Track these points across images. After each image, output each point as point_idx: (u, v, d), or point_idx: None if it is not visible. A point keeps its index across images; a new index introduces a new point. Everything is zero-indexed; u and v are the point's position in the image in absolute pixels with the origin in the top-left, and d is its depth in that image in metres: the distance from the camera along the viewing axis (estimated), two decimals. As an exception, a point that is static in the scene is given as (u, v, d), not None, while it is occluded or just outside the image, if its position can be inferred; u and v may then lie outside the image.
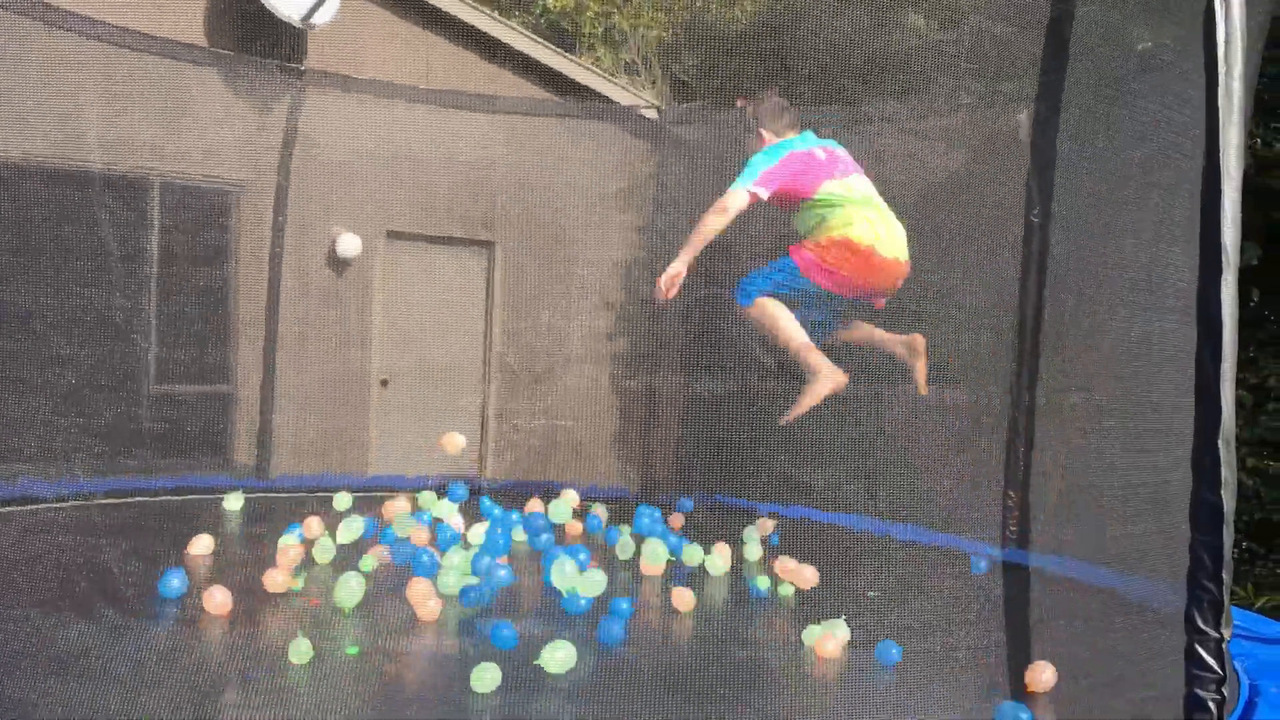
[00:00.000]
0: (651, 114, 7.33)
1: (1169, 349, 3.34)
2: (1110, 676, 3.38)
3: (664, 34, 10.86)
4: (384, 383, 8.35)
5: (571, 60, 9.20)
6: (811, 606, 4.26)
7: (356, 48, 7.98)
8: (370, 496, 6.12)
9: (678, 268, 4.28)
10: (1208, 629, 2.28)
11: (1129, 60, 3.92)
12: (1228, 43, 2.26)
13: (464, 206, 8.49)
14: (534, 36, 9.02)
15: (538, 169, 7.74)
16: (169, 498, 6.07)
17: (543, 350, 8.75)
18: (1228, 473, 2.27)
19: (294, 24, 7.30)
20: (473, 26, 8.62)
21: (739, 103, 4.75)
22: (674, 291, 4.28)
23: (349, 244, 7.88)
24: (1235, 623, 4.40)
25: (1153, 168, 3.56)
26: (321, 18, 7.42)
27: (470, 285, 8.84)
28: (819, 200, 4.31)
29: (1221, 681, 2.27)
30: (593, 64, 10.34)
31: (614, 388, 8.63)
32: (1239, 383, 7.56)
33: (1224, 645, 2.27)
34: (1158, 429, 3.35)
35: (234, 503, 5.77)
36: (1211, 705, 2.27)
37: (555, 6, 11.29)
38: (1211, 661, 2.27)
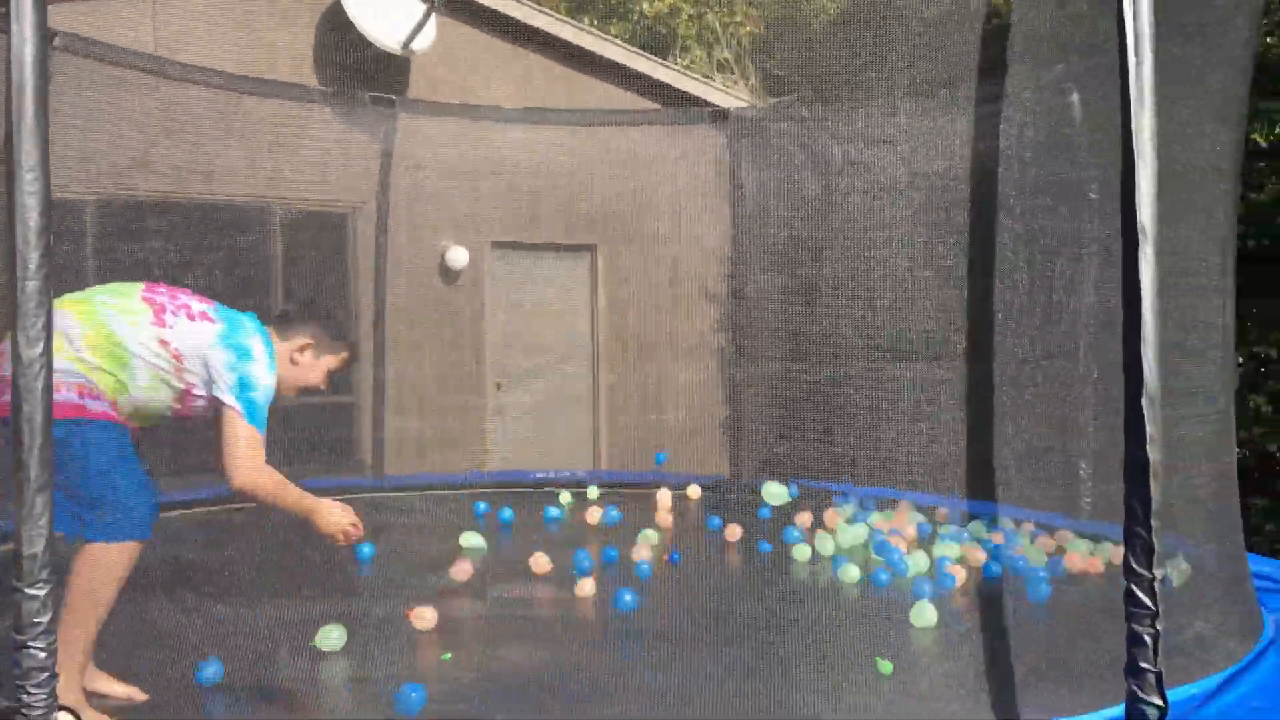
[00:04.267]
0: (732, 108, 7.56)
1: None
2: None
3: (756, 29, 11.06)
4: (498, 385, 8.80)
5: (664, 65, 9.50)
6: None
7: (456, 69, 8.46)
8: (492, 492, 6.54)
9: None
10: (1142, 570, 2.45)
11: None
12: (1137, 36, 2.41)
13: (564, 213, 8.88)
14: (625, 45, 9.35)
15: (630, 172, 8.05)
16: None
17: (646, 344, 9.09)
18: (1153, 429, 2.43)
19: (394, 51, 7.80)
20: (566, 40, 9.00)
21: None
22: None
23: (457, 256, 8.37)
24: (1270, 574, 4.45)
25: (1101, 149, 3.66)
26: (420, 44, 7.90)
27: (575, 286, 9.23)
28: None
29: (1155, 617, 2.44)
30: (688, 65, 10.61)
31: (721, 378, 8.89)
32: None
33: (1155, 585, 2.43)
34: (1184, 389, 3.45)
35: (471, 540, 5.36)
36: (1147, 639, 2.45)
37: (650, 12, 11.63)
38: (1146, 600, 2.44)
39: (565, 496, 6.45)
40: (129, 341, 3.04)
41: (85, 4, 6.52)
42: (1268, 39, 6.89)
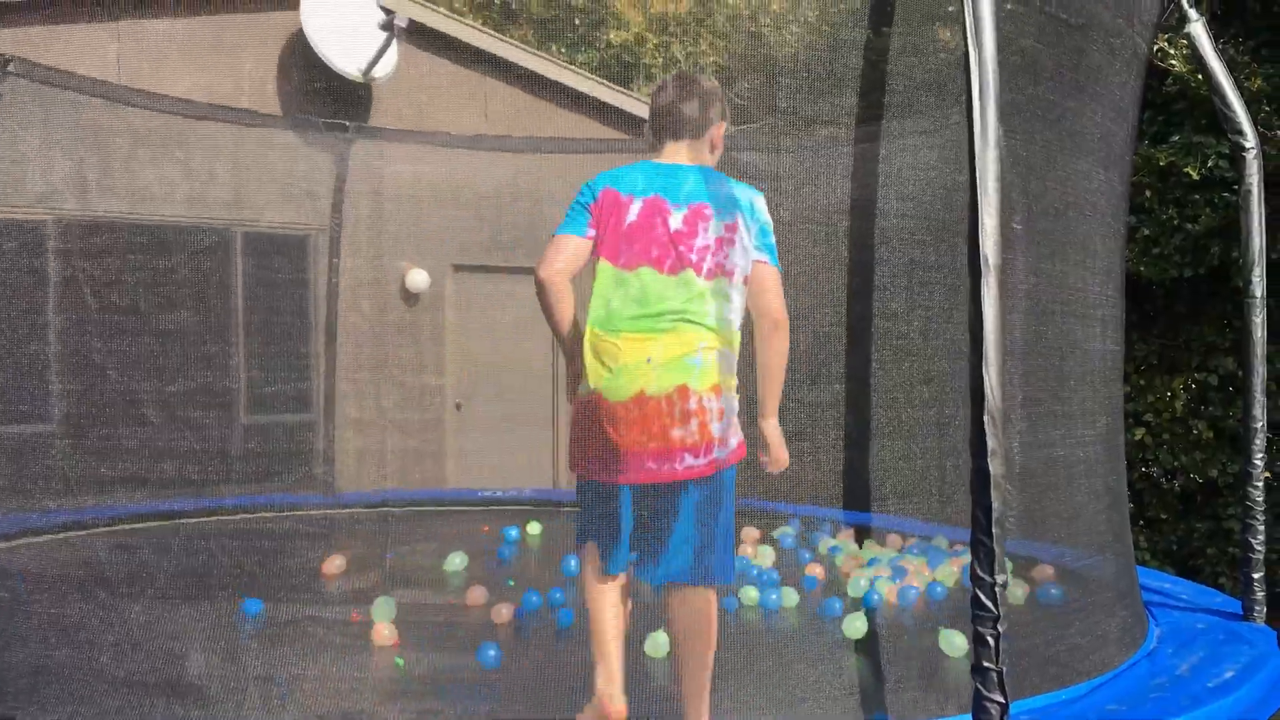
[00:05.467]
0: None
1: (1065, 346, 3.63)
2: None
3: (720, 60, 11.30)
4: (458, 406, 8.96)
5: (627, 94, 9.70)
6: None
7: (419, 97, 8.65)
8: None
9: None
10: (985, 575, 2.61)
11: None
12: (981, 81, 2.59)
13: (525, 238, 9.06)
14: (589, 75, 9.56)
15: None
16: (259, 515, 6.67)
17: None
18: (994, 443, 2.59)
19: (356, 79, 7.99)
20: (529, 70, 9.20)
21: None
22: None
23: (417, 279, 8.54)
24: (1183, 595, 4.62)
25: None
26: (381, 71, 8.09)
27: (535, 308, 9.38)
28: (592, 289, 2.91)
29: (997, 619, 2.59)
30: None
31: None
32: None
33: (997, 589, 2.59)
34: (1062, 413, 3.63)
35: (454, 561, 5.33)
36: (990, 640, 2.60)
37: (617, 41, 11.87)
38: (989, 603, 2.60)
39: (534, 527, 6.29)
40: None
41: (48, 27, 6.70)
42: (1199, 75, 7.10)
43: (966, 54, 2.56)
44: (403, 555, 5.39)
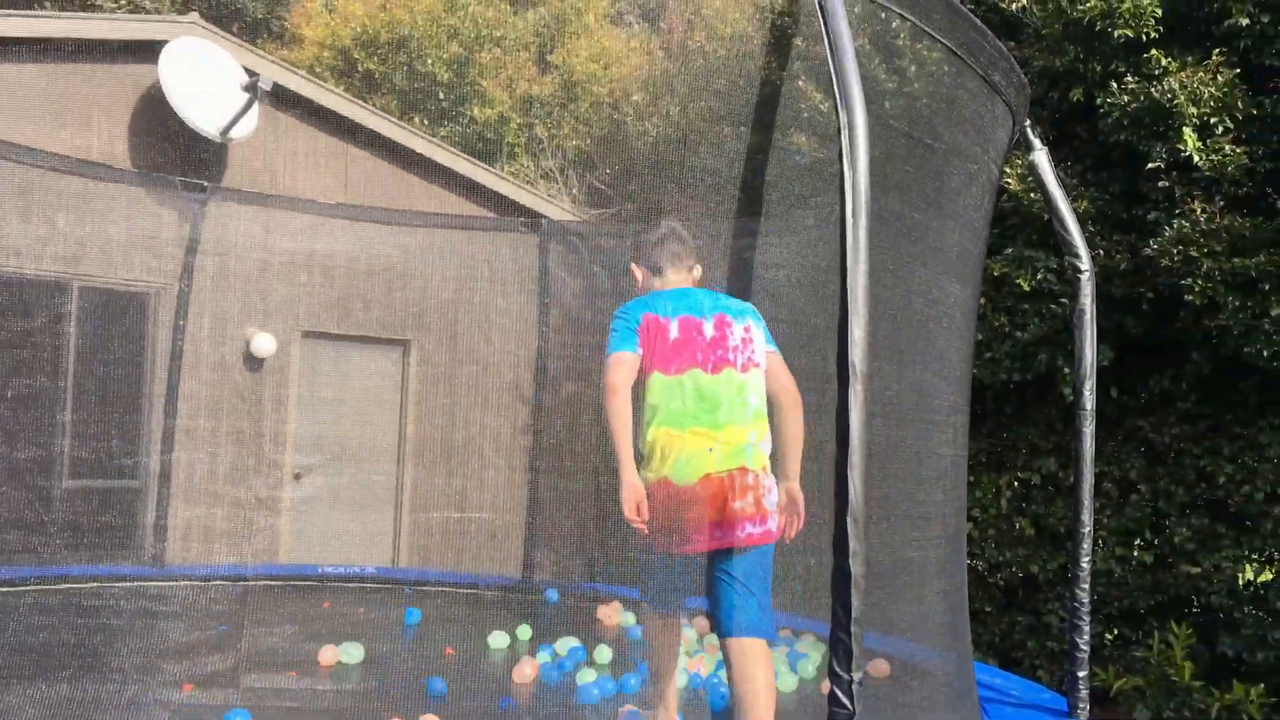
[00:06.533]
0: (544, 218, 7.86)
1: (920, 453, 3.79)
2: None
3: (582, 144, 11.50)
4: (297, 476, 8.68)
5: (488, 170, 9.76)
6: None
7: (276, 160, 8.50)
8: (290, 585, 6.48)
9: (630, 481, 3.32)
10: (841, 672, 2.69)
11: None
12: (855, 199, 2.74)
13: (379, 307, 8.95)
14: (451, 148, 9.58)
15: (446, 272, 8.21)
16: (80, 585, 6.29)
17: (454, 443, 9.14)
18: (855, 544, 2.70)
19: (213, 138, 7.80)
20: (391, 140, 9.17)
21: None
22: (645, 511, 3.33)
23: (263, 344, 8.29)
24: (1013, 691, 4.82)
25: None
26: (240, 132, 7.92)
27: (385, 381, 9.25)
28: (645, 396, 3.45)
29: (852, 716, 2.68)
30: (513, 173, 10.91)
31: (527, 479, 9.02)
32: (1104, 475, 8.02)
33: (853, 686, 2.67)
34: (918, 514, 3.78)
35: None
36: None
37: (481, 118, 11.96)
38: (845, 700, 2.68)
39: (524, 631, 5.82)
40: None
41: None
42: (1032, 194, 7.60)
43: (841, 174, 2.69)
44: (255, 634, 5.17)
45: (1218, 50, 7.21)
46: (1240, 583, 7.60)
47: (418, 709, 3.92)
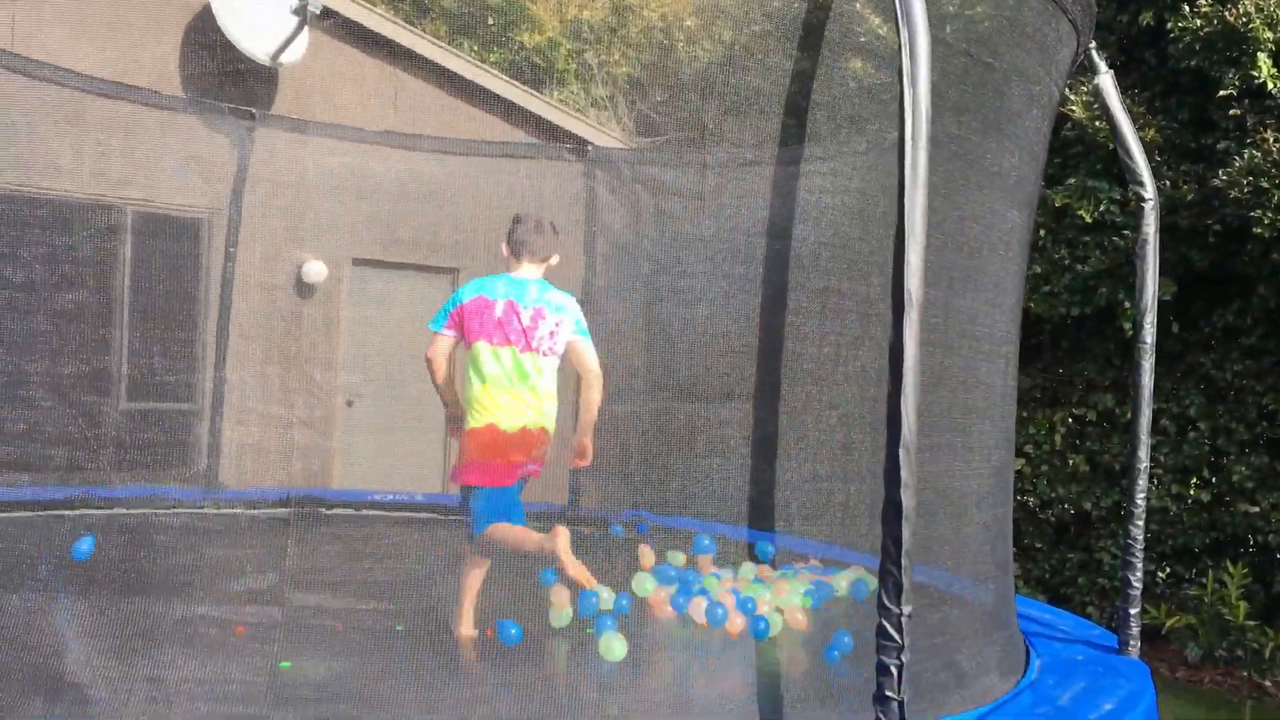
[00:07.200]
0: (590, 146, 7.76)
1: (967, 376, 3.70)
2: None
3: (632, 71, 11.31)
4: (349, 403, 8.76)
5: (538, 97, 9.64)
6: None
7: (327, 85, 8.45)
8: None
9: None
10: (891, 606, 2.65)
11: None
12: (915, 122, 2.63)
13: (428, 235, 8.92)
14: (501, 74, 9.47)
15: (494, 199, 8.15)
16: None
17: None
18: (907, 475, 2.64)
19: (263, 63, 7.77)
20: (440, 65, 9.07)
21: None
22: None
23: (314, 270, 8.33)
24: (1062, 627, 4.76)
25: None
26: (290, 57, 7.88)
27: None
28: (470, 361, 4.34)
29: (901, 650, 2.64)
30: (563, 100, 10.78)
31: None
32: (1162, 412, 7.87)
33: (903, 619, 2.63)
34: (962, 445, 3.71)
35: None
36: (893, 669, 2.65)
37: (530, 43, 11.80)
38: (894, 633, 2.64)
39: None
40: None
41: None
42: (1097, 122, 7.36)
43: (901, 97, 2.59)
44: (303, 556, 5.24)
45: (1298, -30, 6.90)
46: (1299, 522, 7.46)
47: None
